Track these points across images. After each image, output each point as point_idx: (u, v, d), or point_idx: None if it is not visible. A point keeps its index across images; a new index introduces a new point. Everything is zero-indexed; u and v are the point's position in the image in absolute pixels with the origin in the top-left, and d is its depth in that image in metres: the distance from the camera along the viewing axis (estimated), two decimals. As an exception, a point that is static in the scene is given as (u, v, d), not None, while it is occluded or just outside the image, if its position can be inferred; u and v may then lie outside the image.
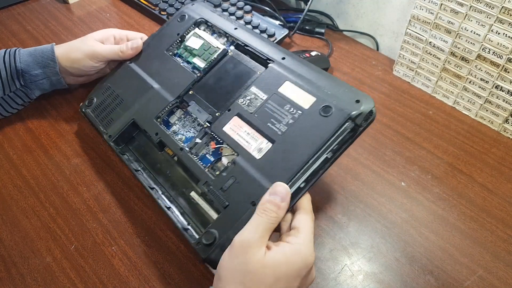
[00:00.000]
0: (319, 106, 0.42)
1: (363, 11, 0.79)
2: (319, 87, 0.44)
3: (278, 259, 0.35)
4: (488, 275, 0.44)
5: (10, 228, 0.48)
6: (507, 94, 0.56)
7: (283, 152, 0.41)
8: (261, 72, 0.49)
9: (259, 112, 0.45)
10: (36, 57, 0.57)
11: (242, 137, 0.44)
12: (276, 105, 0.45)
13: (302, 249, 0.36)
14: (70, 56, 0.57)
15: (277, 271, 0.35)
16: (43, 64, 0.57)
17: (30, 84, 0.57)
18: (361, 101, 0.41)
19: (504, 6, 0.51)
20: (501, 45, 0.54)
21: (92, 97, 0.57)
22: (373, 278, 0.44)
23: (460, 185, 0.52)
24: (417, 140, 0.58)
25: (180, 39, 0.57)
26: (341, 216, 0.49)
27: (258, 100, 0.46)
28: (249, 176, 0.42)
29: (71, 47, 0.58)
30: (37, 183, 0.53)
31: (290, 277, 0.35)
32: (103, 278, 0.44)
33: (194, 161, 0.46)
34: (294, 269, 0.35)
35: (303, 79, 0.45)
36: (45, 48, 0.57)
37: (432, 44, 0.61)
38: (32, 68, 0.56)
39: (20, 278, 0.44)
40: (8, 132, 0.59)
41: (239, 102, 0.47)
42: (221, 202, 0.42)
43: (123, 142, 0.54)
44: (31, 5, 0.84)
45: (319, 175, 0.41)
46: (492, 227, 0.48)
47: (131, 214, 0.49)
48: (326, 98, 0.42)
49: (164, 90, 0.53)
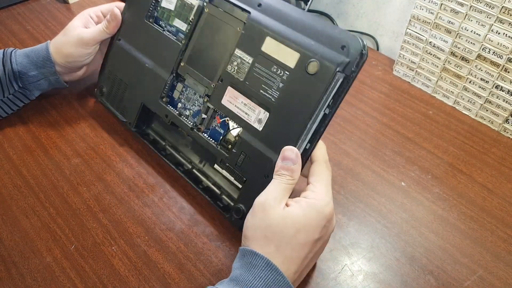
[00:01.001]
0: (304, 63, 0.39)
1: (363, 11, 0.79)
2: (302, 38, 0.40)
3: (296, 212, 0.37)
4: (488, 275, 0.44)
5: (10, 228, 0.48)
6: (507, 94, 0.56)
7: (281, 120, 0.41)
8: (240, 29, 0.45)
9: (249, 78, 0.43)
10: (32, 58, 0.56)
11: (241, 108, 0.44)
12: (264, 68, 0.42)
13: (317, 202, 0.38)
14: (63, 52, 0.56)
15: (296, 222, 0.37)
16: (39, 64, 0.56)
17: (28, 86, 0.57)
18: (347, 46, 0.37)
19: (504, 6, 0.51)
20: (501, 45, 0.54)
21: (101, 85, 0.58)
22: (373, 278, 0.44)
23: (460, 185, 0.52)
24: (417, 140, 0.58)
25: (155, 2, 0.54)
26: (341, 216, 0.49)
27: (245, 65, 0.44)
28: (256, 150, 0.43)
29: (60, 43, 0.57)
30: (37, 183, 0.53)
31: (309, 228, 0.37)
32: (103, 278, 0.44)
33: (206, 140, 0.47)
34: (312, 221, 0.37)
35: (284, 31, 0.41)
36: (40, 48, 0.57)
37: (432, 44, 0.61)
38: (29, 69, 0.56)
39: (20, 278, 0.44)
40: (8, 132, 0.59)
41: (228, 69, 0.45)
42: (240, 177, 0.44)
43: (144, 124, 0.55)
44: (31, 5, 0.84)
45: (321, 132, 0.40)
46: (492, 227, 0.48)
47: (131, 214, 0.49)
48: (310, 51, 0.39)
49: (158, 66, 0.52)
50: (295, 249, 0.37)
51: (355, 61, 0.37)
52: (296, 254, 0.37)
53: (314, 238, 0.38)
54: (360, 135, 0.59)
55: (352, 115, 0.62)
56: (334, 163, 0.55)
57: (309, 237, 0.37)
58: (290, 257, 0.37)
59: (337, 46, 0.38)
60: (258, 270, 0.35)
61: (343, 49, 0.38)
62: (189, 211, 0.50)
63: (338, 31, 0.39)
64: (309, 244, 0.37)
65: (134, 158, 0.55)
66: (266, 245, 0.37)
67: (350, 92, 0.65)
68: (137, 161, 0.55)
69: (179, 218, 0.49)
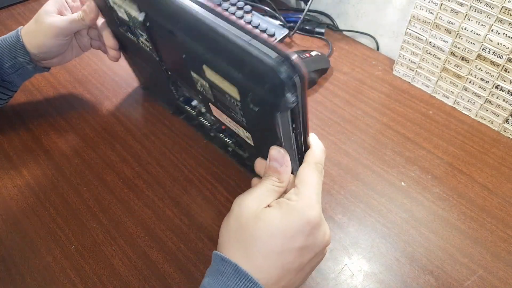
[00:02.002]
0: (245, 97, 0.34)
1: (363, 11, 0.79)
2: (235, 67, 0.32)
3: (272, 214, 0.33)
4: (488, 275, 0.44)
5: (10, 228, 0.48)
6: (507, 94, 0.56)
7: (262, 141, 0.39)
8: (182, 52, 0.39)
9: (218, 101, 0.40)
10: (3, 49, 0.52)
11: (230, 124, 0.42)
12: (220, 94, 0.37)
13: (298, 205, 0.33)
14: (34, 42, 0.52)
15: (270, 225, 0.32)
16: (13, 55, 0.52)
17: (7, 78, 0.54)
18: (275, 83, 0.29)
19: (504, 6, 0.51)
20: (501, 45, 0.54)
21: (141, 80, 0.59)
22: (373, 278, 0.44)
23: (460, 185, 0.52)
24: (417, 140, 0.58)
25: (111, 10, 0.48)
26: (341, 216, 0.49)
27: (206, 87, 0.39)
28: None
29: (31, 33, 0.52)
30: (37, 183, 0.53)
31: (286, 234, 0.32)
32: (103, 278, 0.44)
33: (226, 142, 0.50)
34: (290, 226, 0.32)
35: (216, 58, 0.34)
36: (10, 37, 0.52)
37: (432, 44, 0.61)
38: (2, 62, 0.52)
39: (20, 278, 0.44)
40: (8, 132, 0.59)
41: (198, 88, 0.41)
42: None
43: (182, 113, 0.57)
44: (31, 5, 0.84)
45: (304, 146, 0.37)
46: (492, 227, 0.48)
47: (131, 214, 0.49)
48: (246, 84, 0.32)
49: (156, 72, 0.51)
50: (268, 257, 0.32)
51: (293, 93, 0.30)
52: (271, 263, 0.32)
53: (294, 247, 0.32)
54: (360, 135, 0.59)
55: (352, 115, 0.62)
56: (334, 163, 0.55)
57: (287, 245, 0.32)
58: (262, 266, 0.32)
59: (272, 77, 0.29)
60: (226, 278, 0.32)
61: (274, 89, 0.30)
62: (189, 211, 0.50)
63: (263, 57, 0.29)
64: (288, 253, 0.32)
65: (134, 158, 0.55)
66: (236, 249, 0.33)
67: (350, 92, 0.65)
68: (137, 161, 0.55)
69: (179, 218, 0.49)
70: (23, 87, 0.61)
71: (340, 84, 0.67)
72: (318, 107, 0.63)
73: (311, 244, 0.33)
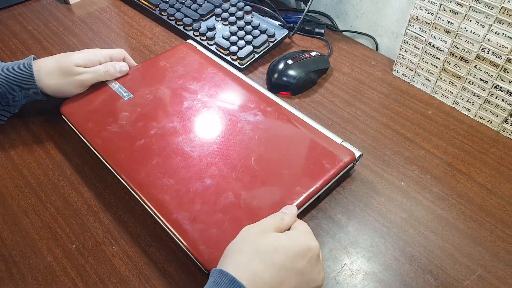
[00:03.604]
0: None
1: (362, 11, 0.79)
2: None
3: (279, 234, 0.38)
4: (487, 274, 0.44)
5: (11, 227, 0.48)
6: (506, 94, 0.56)
7: None
8: None
9: None
10: (14, 80, 0.53)
11: None
12: None
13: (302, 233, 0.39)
14: (55, 89, 0.55)
15: (277, 241, 0.36)
16: (23, 87, 0.54)
17: (12, 103, 0.56)
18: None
19: (504, 6, 0.51)
20: (500, 45, 0.54)
21: None
22: (372, 278, 0.44)
23: (460, 185, 0.53)
24: (416, 140, 0.58)
25: None
26: (341, 216, 0.49)
27: None
28: None
29: (56, 84, 0.55)
30: (38, 182, 0.53)
31: (289, 253, 0.36)
32: (103, 278, 0.44)
33: None
34: (294, 246, 0.36)
35: None
36: (22, 70, 0.54)
37: (431, 44, 0.62)
38: (11, 90, 0.54)
39: (21, 277, 0.44)
40: (9, 132, 0.59)
41: None
42: None
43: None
44: (32, 6, 0.84)
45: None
46: (491, 227, 0.48)
47: (131, 214, 0.49)
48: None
49: None
50: (268, 268, 0.34)
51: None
52: (268, 275, 0.34)
53: (294, 266, 0.35)
54: (359, 135, 0.59)
55: (352, 115, 0.62)
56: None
57: (288, 262, 0.35)
58: (260, 275, 0.34)
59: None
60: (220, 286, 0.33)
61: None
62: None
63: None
64: (289, 271, 0.35)
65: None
66: (238, 256, 0.35)
67: (349, 92, 0.66)
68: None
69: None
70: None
71: (340, 84, 0.67)
72: (318, 107, 0.63)
73: (309, 272, 0.36)
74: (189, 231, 0.43)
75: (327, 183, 0.48)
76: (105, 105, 0.57)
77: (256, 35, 0.71)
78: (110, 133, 0.53)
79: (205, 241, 0.42)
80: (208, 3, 0.77)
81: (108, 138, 0.52)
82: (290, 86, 0.64)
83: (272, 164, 0.49)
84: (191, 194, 0.46)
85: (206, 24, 0.74)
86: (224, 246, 0.38)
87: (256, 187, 0.47)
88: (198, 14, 0.76)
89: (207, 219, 0.44)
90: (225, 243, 0.38)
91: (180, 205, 0.45)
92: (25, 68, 0.54)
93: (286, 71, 0.64)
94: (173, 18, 0.77)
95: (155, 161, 0.49)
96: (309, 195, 0.46)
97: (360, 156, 0.51)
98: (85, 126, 0.54)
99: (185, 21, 0.75)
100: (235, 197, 0.46)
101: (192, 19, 0.75)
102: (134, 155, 0.50)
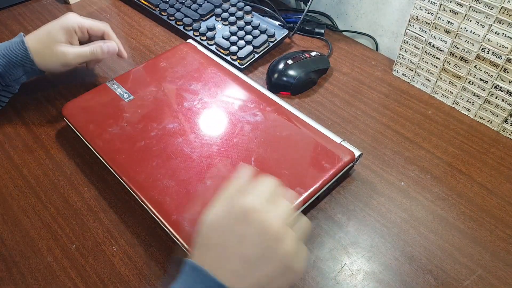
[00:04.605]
0: None
1: (362, 11, 0.79)
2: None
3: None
4: (487, 274, 0.44)
5: (11, 227, 0.48)
6: (506, 94, 0.56)
7: None
8: None
9: None
10: (10, 58, 0.56)
11: None
12: None
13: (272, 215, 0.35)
14: (43, 62, 0.57)
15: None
16: (19, 63, 0.56)
17: (11, 82, 0.58)
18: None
19: (504, 6, 0.51)
20: (500, 45, 0.54)
21: None
22: (372, 278, 0.44)
23: (460, 185, 0.53)
24: (416, 140, 0.58)
25: None
26: (341, 216, 0.50)
27: None
28: None
29: (41, 54, 0.57)
30: (38, 182, 0.53)
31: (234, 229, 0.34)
32: (103, 278, 0.44)
33: None
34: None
35: None
36: (15, 46, 0.56)
37: (431, 44, 0.62)
38: (9, 69, 0.56)
39: (21, 277, 0.44)
40: (9, 131, 0.59)
41: None
42: None
43: None
44: (31, 6, 0.84)
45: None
46: (491, 227, 0.48)
47: (131, 214, 0.50)
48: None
49: None
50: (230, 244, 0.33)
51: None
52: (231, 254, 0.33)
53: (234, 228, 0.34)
54: (359, 135, 0.59)
55: (352, 115, 0.62)
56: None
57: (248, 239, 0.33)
58: (223, 256, 0.33)
59: None
60: (184, 274, 0.34)
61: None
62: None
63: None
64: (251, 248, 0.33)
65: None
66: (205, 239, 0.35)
67: (349, 92, 0.65)
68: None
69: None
70: (24, 86, 0.61)
71: (340, 84, 0.67)
72: (318, 107, 0.63)
73: (273, 255, 0.33)
74: (189, 232, 0.43)
75: (327, 183, 0.48)
76: (106, 106, 0.57)
77: (256, 35, 0.71)
78: (111, 134, 0.53)
79: None
80: (208, 3, 0.77)
81: (109, 139, 0.52)
82: (290, 86, 0.64)
83: (272, 164, 0.49)
84: (191, 195, 0.46)
85: (206, 24, 0.74)
86: None
87: None
88: (198, 14, 0.76)
89: None
90: None
91: (180, 207, 0.45)
92: (18, 44, 0.57)
93: (286, 71, 0.64)
94: (173, 18, 0.77)
95: (155, 163, 0.49)
96: (309, 195, 0.46)
97: (359, 156, 0.51)
98: (85, 128, 0.54)
99: (185, 21, 0.75)
100: None
101: (192, 19, 0.75)
102: (135, 157, 0.50)
